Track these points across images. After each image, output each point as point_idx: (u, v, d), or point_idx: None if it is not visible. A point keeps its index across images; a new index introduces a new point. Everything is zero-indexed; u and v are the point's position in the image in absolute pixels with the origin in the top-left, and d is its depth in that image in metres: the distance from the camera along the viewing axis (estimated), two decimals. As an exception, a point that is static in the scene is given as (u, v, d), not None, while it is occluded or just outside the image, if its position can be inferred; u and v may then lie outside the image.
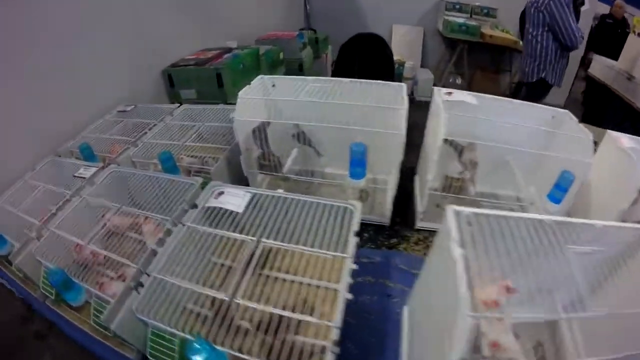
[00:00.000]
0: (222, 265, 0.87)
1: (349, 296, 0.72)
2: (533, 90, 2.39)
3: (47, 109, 1.36)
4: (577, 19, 2.17)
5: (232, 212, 0.90)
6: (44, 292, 0.95)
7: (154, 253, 0.82)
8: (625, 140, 1.02)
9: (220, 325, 0.72)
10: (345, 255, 0.79)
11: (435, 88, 1.22)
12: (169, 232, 0.87)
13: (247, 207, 0.90)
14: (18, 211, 1.08)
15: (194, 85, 1.86)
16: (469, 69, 3.44)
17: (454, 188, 1.16)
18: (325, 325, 0.68)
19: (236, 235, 0.85)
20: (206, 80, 1.82)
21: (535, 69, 2.31)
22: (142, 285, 0.77)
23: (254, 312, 0.74)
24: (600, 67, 2.33)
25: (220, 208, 0.90)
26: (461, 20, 3.29)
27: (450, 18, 3.37)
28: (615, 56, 2.22)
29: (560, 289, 0.65)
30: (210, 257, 0.89)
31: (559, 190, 1.01)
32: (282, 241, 0.84)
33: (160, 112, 1.49)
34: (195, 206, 0.92)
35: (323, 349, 0.65)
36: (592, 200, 1.08)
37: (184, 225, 0.87)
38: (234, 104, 1.08)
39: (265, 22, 2.96)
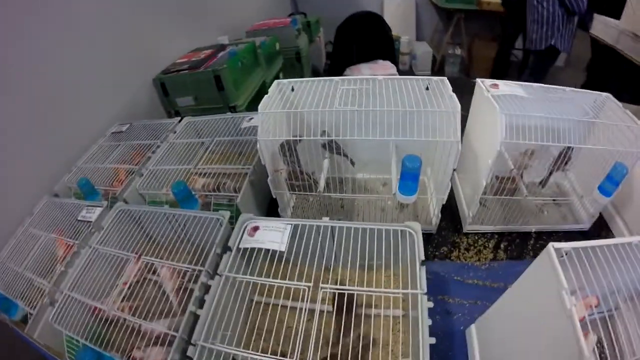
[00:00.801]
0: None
1: (432, 341, 0.64)
2: (542, 58, 2.24)
3: (35, 141, 1.17)
4: None
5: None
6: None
7: (194, 317, 0.68)
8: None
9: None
10: (418, 291, 0.68)
11: (479, 80, 1.06)
12: (204, 287, 0.72)
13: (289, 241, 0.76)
14: (24, 270, 0.94)
15: (191, 91, 1.67)
16: (466, 37, 3.24)
17: (507, 190, 1.03)
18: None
19: (287, 283, 0.71)
20: (204, 84, 1.62)
21: (543, 35, 2.15)
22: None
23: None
24: (603, 27, 2.16)
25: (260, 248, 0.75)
26: (457, -10, 3.04)
27: (446, -13, 3.11)
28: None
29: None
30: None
31: (611, 183, 0.94)
32: (341, 283, 0.70)
33: (159, 130, 1.32)
34: (228, 249, 0.77)
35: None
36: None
37: (221, 275, 0.73)
38: (236, 108, 0.91)
39: (251, 12, 2.71)
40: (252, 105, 1.85)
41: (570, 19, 2.13)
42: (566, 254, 0.57)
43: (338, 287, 0.70)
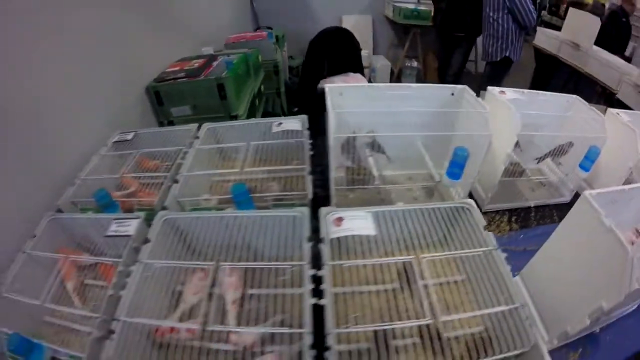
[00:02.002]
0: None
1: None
2: (498, 68, 2.55)
3: (25, 156, 1.01)
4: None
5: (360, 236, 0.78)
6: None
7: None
8: (624, 115, 1.22)
9: None
10: (491, 247, 0.80)
11: (490, 88, 1.25)
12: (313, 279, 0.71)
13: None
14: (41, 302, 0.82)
15: (189, 100, 1.59)
16: (422, 51, 3.56)
17: (516, 173, 1.28)
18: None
19: (390, 260, 0.74)
20: (204, 93, 1.56)
21: (498, 49, 2.46)
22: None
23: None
24: (545, 38, 2.58)
25: (353, 236, 0.77)
26: (412, 7, 3.34)
27: (402, 5, 3.39)
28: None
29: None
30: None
31: (589, 161, 1.20)
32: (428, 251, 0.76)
33: (174, 137, 1.23)
34: (320, 241, 0.77)
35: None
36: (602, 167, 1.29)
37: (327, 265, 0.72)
38: (237, 117, 0.92)
39: (224, 25, 2.66)
40: (250, 116, 1.82)
41: (522, 32, 2.47)
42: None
43: (432, 254, 0.74)
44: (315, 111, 1.19)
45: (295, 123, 1.17)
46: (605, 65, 2.22)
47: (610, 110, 1.25)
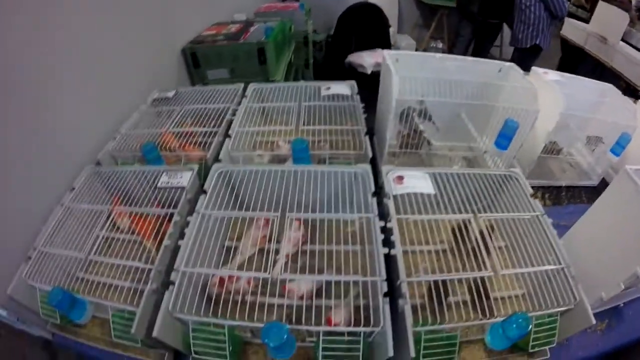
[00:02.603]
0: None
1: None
2: (526, 54, 2.52)
3: (61, 111, 0.97)
4: None
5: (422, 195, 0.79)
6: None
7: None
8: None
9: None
10: (537, 213, 0.83)
11: (534, 68, 1.25)
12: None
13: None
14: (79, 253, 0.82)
15: (228, 63, 1.57)
16: (448, 32, 3.51)
17: (554, 151, 1.30)
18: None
19: (451, 217, 0.76)
20: (244, 56, 1.54)
21: (529, 35, 2.42)
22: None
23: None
24: (573, 29, 2.55)
25: (414, 194, 0.78)
26: (442, -13, 3.24)
27: (431, -16, 3.29)
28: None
29: None
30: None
31: (620, 146, 1.23)
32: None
33: (218, 95, 1.22)
34: (385, 196, 0.78)
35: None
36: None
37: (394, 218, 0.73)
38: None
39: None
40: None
41: (552, 21, 2.44)
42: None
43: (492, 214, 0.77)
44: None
45: (344, 88, 1.16)
46: (631, 62, 2.20)
47: None
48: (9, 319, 0.78)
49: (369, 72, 2.39)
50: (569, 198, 1.29)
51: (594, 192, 1.33)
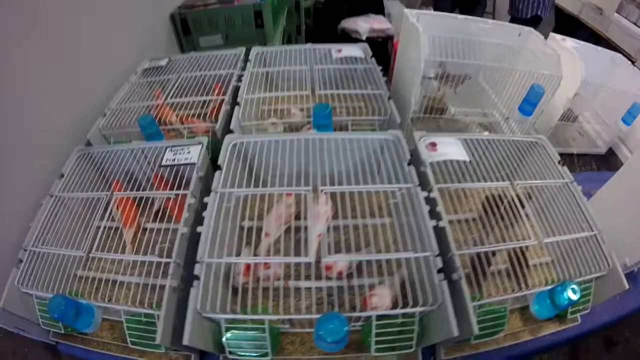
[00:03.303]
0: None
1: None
2: (525, 25, 2.43)
3: (41, 85, 0.83)
4: None
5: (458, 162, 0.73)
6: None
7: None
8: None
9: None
10: (566, 180, 0.80)
11: (552, 35, 1.22)
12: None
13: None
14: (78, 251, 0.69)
15: (221, 28, 1.42)
16: None
17: (570, 118, 1.27)
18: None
19: (493, 184, 0.70)
20: (240, 20, 1.39)
21: (529, 5, 2.33)
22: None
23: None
24: None
25: (450, 161, 0.71)
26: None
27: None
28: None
29: None
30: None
31: (631, 115, 1.22)
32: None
33: (217, 62, 1.08)
34: (421, 164, 0.70)
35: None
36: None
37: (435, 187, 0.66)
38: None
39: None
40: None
41: None
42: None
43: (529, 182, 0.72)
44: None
45: (357, 50, 1.05)
46: (626, 33, 2.18)
47: None
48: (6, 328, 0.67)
49: (364, 37, 2.26)
50: (580, 165, 1.27)
51: (602, 160, 1.31)
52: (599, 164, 1.29)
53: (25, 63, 0.78)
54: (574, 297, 0.61)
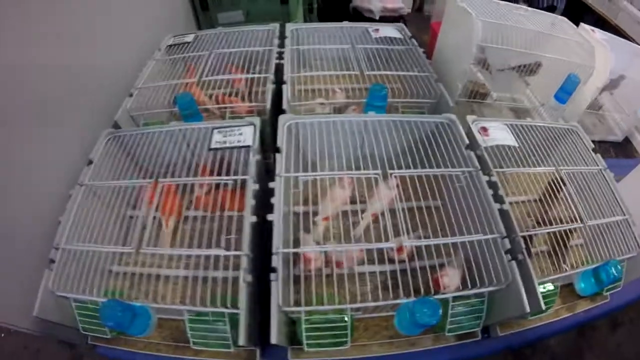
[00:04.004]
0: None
1: None
2: None
3: (65, 65, 0.77)
4: None
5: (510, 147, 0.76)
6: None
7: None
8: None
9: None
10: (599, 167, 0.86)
11: (582, 25, 1.26)
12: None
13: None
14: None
15: (243, 3, 1.38)
16: None
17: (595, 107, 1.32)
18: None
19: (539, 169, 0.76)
20: (263, -5, 1.36)
21: None
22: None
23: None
24: None
25: (501, 146, 0.74)
26: None
27: None
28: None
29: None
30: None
31: None
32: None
33: (248, 39, 1.06)
34: (477, 148, 0.73)
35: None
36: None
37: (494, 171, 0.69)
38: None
39: None
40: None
41: None
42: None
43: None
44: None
45: (394, 31, 1.05)
46: (636, 21, 2.23)
47: None
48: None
49: (377, 17, 2.25)
50: (601, 152, 1.32)
51: (619, 148, 1.38)
52: (616, 151, 1.35)
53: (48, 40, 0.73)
54: (617, 274, 0.66)
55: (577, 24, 2.50)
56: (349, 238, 0.68)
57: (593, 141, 1.31)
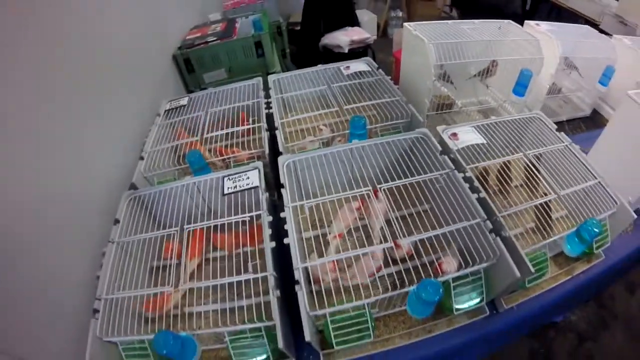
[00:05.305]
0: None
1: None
2: None
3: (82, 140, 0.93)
4: None
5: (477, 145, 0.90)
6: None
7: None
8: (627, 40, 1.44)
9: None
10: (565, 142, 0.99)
11: (527, 22, 1.41)
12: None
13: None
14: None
15: (224, 62, 1.58)
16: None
17: (555, 91, 1.45)
18: None
19: (508, 157, 0.91)
20: (242, 52, 1.56)
21: None
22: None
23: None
24: None
25: (471, 145, 0.89)
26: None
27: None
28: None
29: None
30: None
31: (606, 77, 1.43)
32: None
33: (236, 94, 1.22)
34: (449, 152, 0.88)
35: None
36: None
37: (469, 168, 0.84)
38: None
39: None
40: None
41: None
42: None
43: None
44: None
45: (363, 65, 1.23)
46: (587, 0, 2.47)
47: (616, 36, 1.46)
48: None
49: (346, 50, 2.48)
50: (572, 129, 1.48)
51: (589, 121, 1.53)
52: (587, 125, 1.51)
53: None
54: (597, 230, 0.78)
55: (532, 17, 2.72)
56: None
57: (562, 121, 1.49)
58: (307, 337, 0.63)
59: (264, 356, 0.69)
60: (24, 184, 0.73)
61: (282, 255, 0.76)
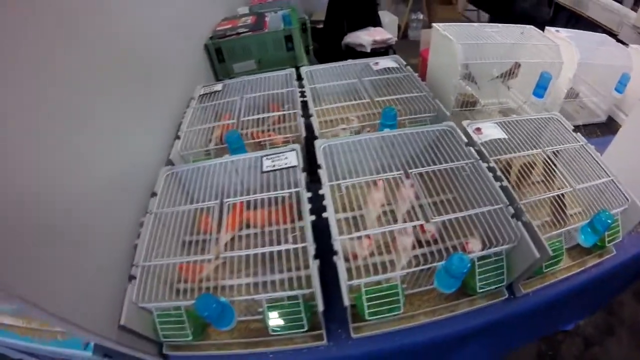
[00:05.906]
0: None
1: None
2: None
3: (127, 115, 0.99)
4: None
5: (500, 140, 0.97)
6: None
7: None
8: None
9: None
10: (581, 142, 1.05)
11: (547, 28, 1.48)
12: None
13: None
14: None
15: (255, 54, 1.66)
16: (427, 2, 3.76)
17: (572, 95, 1.53)
18: None
19: (526, 152, 0.97)
20: (272, 45, 1.64)
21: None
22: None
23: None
24: None
25: (494, 139, 0.96)
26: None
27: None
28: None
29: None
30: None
31: (622, 84, 1.49)
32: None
33: (269, 83, 1.31)
34: (474, 144, 0.95)
35: None
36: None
37: (492, 159, 0.91)
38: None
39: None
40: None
41: None
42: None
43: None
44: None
45: (391, 62, 1.31)
46: (605, 10, 2.52)
47: (632, 45, 1.52)
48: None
49: (368, 50, 2.55)
50: (587, 134, 1.54)
51: (604, 127, 1.59)
52: (602, 130, 1.57)
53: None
54: (610, 220, 0.84)
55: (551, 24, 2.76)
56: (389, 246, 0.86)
57: (579, 125, 1.55)
58: (346, 301, 0.70)
59: (300, 324, 0.74)
60: (88, 167, 0.79)
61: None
